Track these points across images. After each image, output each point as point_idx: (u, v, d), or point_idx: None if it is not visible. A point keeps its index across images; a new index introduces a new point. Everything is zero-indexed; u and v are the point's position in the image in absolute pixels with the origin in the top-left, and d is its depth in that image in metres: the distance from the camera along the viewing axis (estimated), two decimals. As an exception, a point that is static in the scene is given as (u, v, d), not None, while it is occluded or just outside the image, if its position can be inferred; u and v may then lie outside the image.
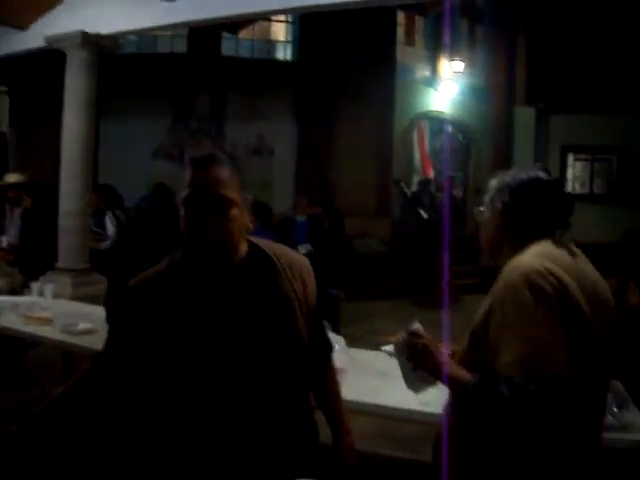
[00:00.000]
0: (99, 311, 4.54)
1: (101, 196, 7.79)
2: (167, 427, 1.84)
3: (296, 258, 2.03)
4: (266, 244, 1.99)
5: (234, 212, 1.81)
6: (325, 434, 2.16)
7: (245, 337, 1.83)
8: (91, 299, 5.91)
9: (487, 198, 2.05)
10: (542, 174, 1.97)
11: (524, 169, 2.01)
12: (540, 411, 1.65)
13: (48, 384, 5.49)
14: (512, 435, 1.76)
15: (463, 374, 1.81)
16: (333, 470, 1.71)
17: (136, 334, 1.83)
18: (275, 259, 1.94)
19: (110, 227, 7.54)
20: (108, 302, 3.49)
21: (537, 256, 1.80)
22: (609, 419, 2.65)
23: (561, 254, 1.84)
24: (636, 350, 3.27)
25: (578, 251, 1.93)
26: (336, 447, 2.15)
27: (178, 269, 1.87)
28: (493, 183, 2.05)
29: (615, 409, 2.72)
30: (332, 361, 2.25)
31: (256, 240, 1.96)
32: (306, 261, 2.06)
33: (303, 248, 7.76)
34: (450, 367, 1.86)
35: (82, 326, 4.31)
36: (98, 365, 1.90)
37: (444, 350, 1.99)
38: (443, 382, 1.88)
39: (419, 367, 1.94)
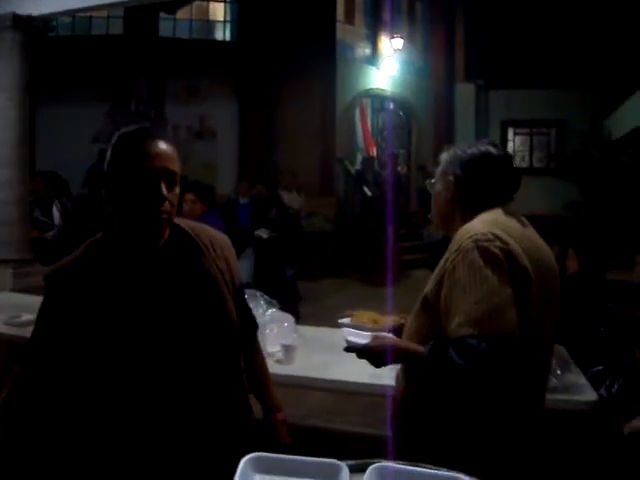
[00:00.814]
0: (42, 301, 4.43)
1: (46, 184, 7.63)
2: (100, 420, 1.75)
3: (217, 236, 1.96)
4: (186, 223, 1.89)
5: (178, 190, 1.76)
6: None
7: (174, 322, 1.76)
8: (34, 290, 5.77)
9: (438, 170, 2.10)
10: (492, 148, 2.04)
11: (474, 143, 2.07)
12: (492, 370, 1.69)
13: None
14: (462, 399, 1.80)
15: (414, 347, 1.86)
16: (269, 448, 1.59)
17: (57, 326, 1.72)
18: (197, 239, 1.87)
19: (57, 216, 7.38)
20: None
21: (486, 222, 1.87)
22: (553, 381, 2.72)
23: (509, 222, 1.91)
24: (575, 315, 3.37)
25: (525, 220, 1.99)
26: (269, 424, 2.12)
27: (99, 253, 1.76)
28: (444, 156, 2.10)
29: (558, 372, 2.79)
30: (257, 338, 2.21)
31: (176, 220, 1.85)
32: (226, 238, 1.99)
33: (263, 232, 7.74)
34: (400, 346, 1.92)
35: (25, 317, 4.20)
36: (23, 360, 1.79)
37: (386, 331, 2.11)
38: (399, 362, 1.97)
39: (375, 366, 1.98)
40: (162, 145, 1.74)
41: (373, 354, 1.97)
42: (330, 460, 1.13)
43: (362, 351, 1.99)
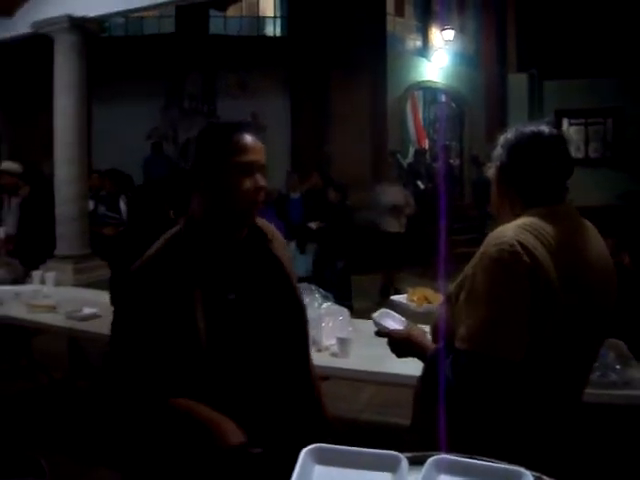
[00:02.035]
0: (102, 296, 4.55)
1: (111, 180, 7.86)
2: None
3: (274, 228, 2.06)
4: None
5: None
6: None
7: (258, 306, 1.87)
8: (93, 284, 5.93)
9: (493, 155, 1.94)
10: (545, 128, 1.86)
11: (529, 123, 1.90)
12: (480, 390, 1.64)
13: (55, 371, 5.53)
14: (499, 395, 1.71)
15: (426, 346, 1.87)
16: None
17: (143, 318, 1.80)
18: (264, 228, 1.98)
19: (125, 210, 7.56)
20: (113, 285, 3.51)
21: (520, 228, 1.71)
22: (612, 377, 2.68)
23: (550, 227, 1.74)
24: (634, 309, 3.29)
25: (579, 220, 1.85)
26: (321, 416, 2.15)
27: (182, 245, 1.84)
28: (500, 139, 1.93)
29: (618, 367, 2.75)
30: None
31: None
32: (280, 234, 2.08)
33: (313, 224, 7.79)
34: (414, 342, 1.93)
35: (87, 311, 4.34)
36: (111, 354, 1.88)
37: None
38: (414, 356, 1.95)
39: (397, 355, 2.01)
40: (255, 139, 1.87)
41: (392, 344, 2.00)
42: (390, 452, 1.14)
43: (386, 338, 2.02)
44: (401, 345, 1.98)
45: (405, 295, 2.49)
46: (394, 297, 2.46)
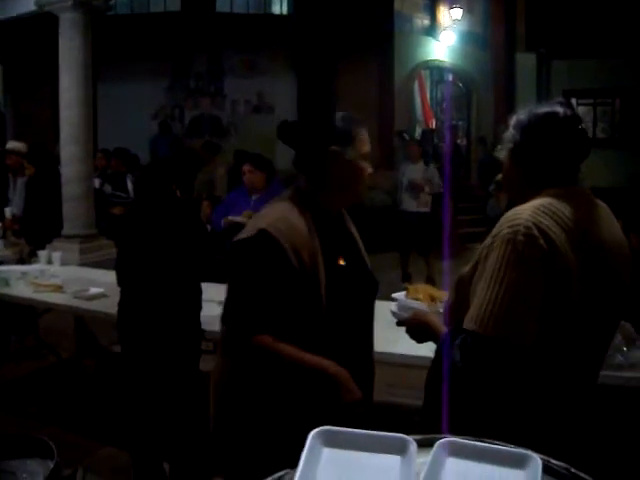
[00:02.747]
0: (109, 275, 4.54)
1: (119, 159, 7.88)
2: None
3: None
4: None
5: None
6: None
7: (358, 275, 2.22)
8: (99, 264, 5.93)
9: (505, 136, 1.91)
10: (559, 108, 1.82)
11: (543, 104, 1.87)
12: (488, 374, 1.63)
13: (62, 350, 5.56)
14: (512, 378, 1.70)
15: (437, 328, 1.87)
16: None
17: (272, 272, 2.00)
18: None
19: (132, 188, 7.58)
20: (120, 265, 3.53)
21: (536, 209, 1.69)
22: (619, 358, 2.68)
23: (566, 208, 1.72)
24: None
25: (594, 201, 1.83)
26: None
27: (301, 213, 2.08)
28: (511, 121, 1.89)
29: (625, 349, 2.74)
30: None
31: None
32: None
33: None
34: (431, 326, 1.92)
35: (93, 291, 4.35)
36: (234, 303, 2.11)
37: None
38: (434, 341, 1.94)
39: (417, 341, 2.02)
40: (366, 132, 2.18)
41: (411, 330, 2.00)
42: (399, 435, 1.13)
43: (403, 325, 2.04)
44: (419, 330, 1.97)
45: (404, 292, 2.48)
46: (396, 295, 2.45)
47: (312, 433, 1.12)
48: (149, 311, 3.39)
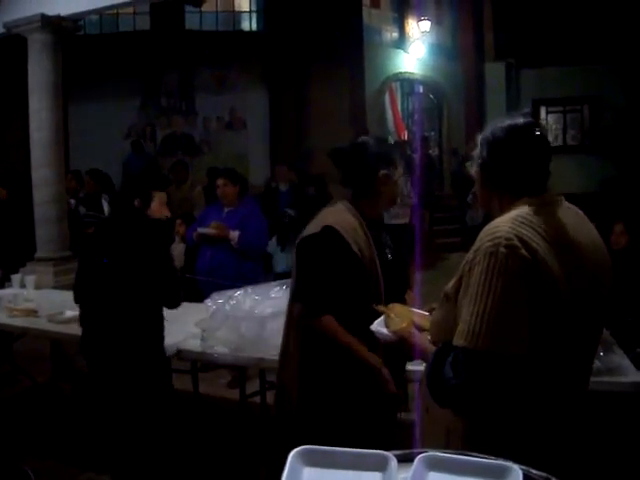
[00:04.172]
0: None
1: (93, 179, 7.84)
2: None
3: None
4: None
5: None
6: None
7: (396, 267, 2.69)
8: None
9: (474, 153, 1.95)
10: (520, 119, 1.86)
11: (506, 118, 1.90)
12: (482, 388, 1.63)
13: (38, 374, 5.48)
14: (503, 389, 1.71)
15: (428, 348, 1.88)
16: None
17: (337, 262, 2.45)
18: None
19: (108, 208, 7.52)
20: (78, 282, 3.50)
21: (515, 220, 1.71)
22: (596, 363, 2.69)
23: (544, 217, 1.75)
24: (617, 294, 3.31)
25: (569, 207, 1.86)
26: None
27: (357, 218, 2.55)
28: (478, 138, 1.94)
29: (601, 353, 2.76)
30: None
31: None
32: None
33: (291, 211, 7.77)
34: (417, 345, 1.98)
35: (69, 314, 4.29)
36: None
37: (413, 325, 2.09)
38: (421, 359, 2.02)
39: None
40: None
41: (396, 349, 2.07)
42: (379, 451, 1.13)
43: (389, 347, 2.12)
44: (407, 350, 2.02)
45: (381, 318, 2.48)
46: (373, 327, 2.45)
47: (292, 453, 1.12)
48: (108, 331, 3.35)
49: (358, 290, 2.46)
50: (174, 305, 3.49)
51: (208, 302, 3.59)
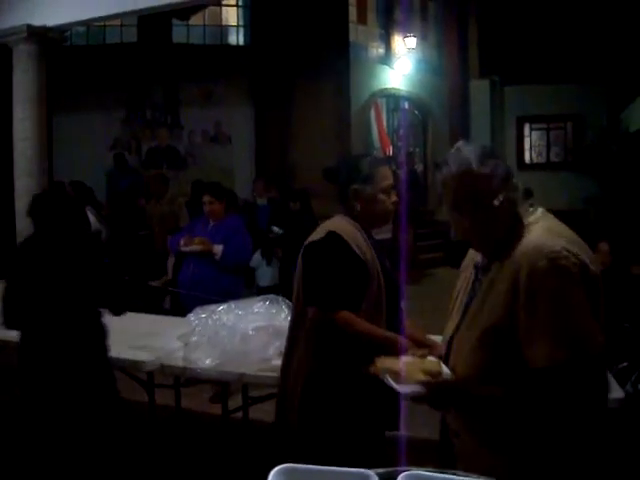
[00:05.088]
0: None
1: (76, 191, 7.79)
2: None
3: None
4: None
5: None
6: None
7: (395, 276, 2.85)
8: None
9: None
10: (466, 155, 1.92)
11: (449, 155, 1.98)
12: (581, 392, 1.68)
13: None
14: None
15: (486, 390, 1.80)
16: None
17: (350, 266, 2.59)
18: None
19: (93, 220, 7.45)
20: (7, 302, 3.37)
21: (551, 234, 1.75)
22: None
23: (562, 227, 1.82)
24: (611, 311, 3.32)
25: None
26: None
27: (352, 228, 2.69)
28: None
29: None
30: None
31: None
32: None
33: (276, 228, 7.77)
34: (466, 391, 1.85)
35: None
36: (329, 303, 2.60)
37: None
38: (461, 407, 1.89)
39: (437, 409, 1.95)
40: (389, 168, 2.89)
41: (431, 401, 1.88)
42: (360, 470, 1.12)
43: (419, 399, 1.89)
44: (442, 400, 1.89)
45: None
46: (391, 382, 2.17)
47: (273, 471, 1.10)
48: (43, 349, 3.25)
49: (363, 291, 2.60)
50: (118, 312, 3.43)
51: (191, 317, 3.56)
